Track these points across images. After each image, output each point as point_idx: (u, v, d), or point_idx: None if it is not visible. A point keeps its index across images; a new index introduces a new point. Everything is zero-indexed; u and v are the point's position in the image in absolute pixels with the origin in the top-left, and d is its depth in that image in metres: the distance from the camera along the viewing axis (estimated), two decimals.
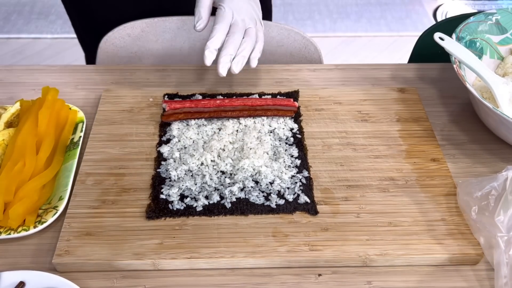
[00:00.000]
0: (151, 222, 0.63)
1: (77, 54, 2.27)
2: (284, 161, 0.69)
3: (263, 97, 0.79)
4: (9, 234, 0.61)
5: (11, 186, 0.63)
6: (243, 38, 0.70)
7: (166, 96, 0.79)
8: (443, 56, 0.78)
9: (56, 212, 0.63)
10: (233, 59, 0.68)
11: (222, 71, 0.68)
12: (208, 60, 0.68)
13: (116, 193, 0.66)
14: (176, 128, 0.73)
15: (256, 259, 0.59)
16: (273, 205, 0.64)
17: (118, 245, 0.60)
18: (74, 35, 1.08)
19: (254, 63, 0.71)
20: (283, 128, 0.74)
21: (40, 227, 0.62)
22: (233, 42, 0.68)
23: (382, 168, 0.70)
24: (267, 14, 1.11)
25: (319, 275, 0.60)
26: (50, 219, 0.62)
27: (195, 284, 0.59)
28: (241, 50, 0.69)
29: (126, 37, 0.96)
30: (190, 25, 0.97)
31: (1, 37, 2.31)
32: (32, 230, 0.61)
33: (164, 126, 0.74)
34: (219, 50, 0.69)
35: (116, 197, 0.65)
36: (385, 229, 0.62)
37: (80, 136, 0.73)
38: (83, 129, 0.74)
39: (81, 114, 0.76)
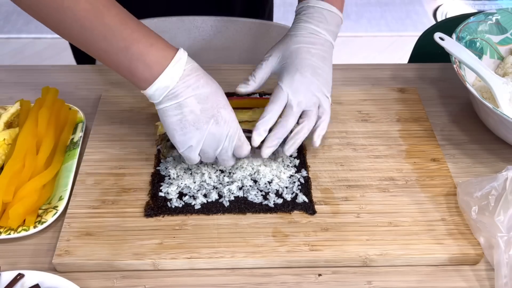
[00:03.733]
0: (151, 222, 0.63)
1: None
2: (283, 161, 0.69)
3: (263, 96, 0.79)
4: (9, 234, 0.61)
5: (11, 186, 0.63)
6: (300, 119, 0.64)
7: None
8: (443, 56, 0.78)
9: (56, 212, 0.63)
10: (285, 143, 0.65)
11: (264, 154, 0.63)
12: (256, 143, 0.63)
13: (116, 193, 0.66)
14: None
15: (256, 259, 0.59)
16: (271, 204, 0.64)
17: (118, 245, 0.60)
18: None
19: (317, 143, 0.66)
20: None
21: (40, 227, 0.62)
22: (284, 126, 0.63)
23: (382, 168, 0.70)
24: (269, 12, 1.10)
25: (319, 275, 0.60)
26: (50, 219, 0.62)
27: (195, 284, 0.59)
28: (294, 134, 0.65)
29: None
30: (190, 25, 0.97)
31: (1, 37, 2.32)
32: (32, 230, 0.61)
33: None
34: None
35: (116, 197, 0.65)
36: (385, 229, 0.62)
37: (80, 136, 0.73)
38: (83, 129, 0.74)
39: (81, 114, 0.76)
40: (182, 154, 0.62)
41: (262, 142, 0.64)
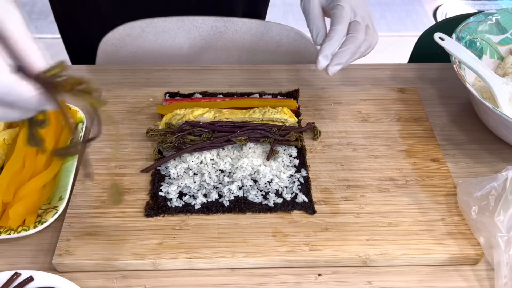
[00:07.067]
0: (151, 222, 0.63)
1: None
2: (283, 161, 0.69)
3: (263, 96, 0.79)
4: (9, 234, 0.61)
5: (11, 186, 0.63)
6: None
7: (167, 94, 0.79)
8: (443, 56, 0.78)
9: (56, 212, 0.63)
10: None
11: (331, 71, 0.63)
12: (321, 66, 0.63)
13: None
14: None
15: (256, 259, 0.59)
16: (271, 204, 0.64)
17: (118, 245, 0.60)
18: None
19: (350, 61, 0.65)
20: None
21: (40, 227, 0.62)
22: (354, 42, 0.62)
23: (382, 168, 0.70)
24: (263, 6, 1.10)
25: (319, 275, 0.60)
26: (50, 219, 0.62)
27: (195, 284, 0.59)
28: (359, 53, 0.63)
29: (126, 37, 0.96)
30: (190, 25, 0.97)
31: None
32: (32, 230, 0.61)
33: None
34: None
35: None
36: (385, 229, 0.62)
37: (80, 136, 0.73)
38: (83, 129, 0.74)
39: (81, 114, 0.76)
40: None
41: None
